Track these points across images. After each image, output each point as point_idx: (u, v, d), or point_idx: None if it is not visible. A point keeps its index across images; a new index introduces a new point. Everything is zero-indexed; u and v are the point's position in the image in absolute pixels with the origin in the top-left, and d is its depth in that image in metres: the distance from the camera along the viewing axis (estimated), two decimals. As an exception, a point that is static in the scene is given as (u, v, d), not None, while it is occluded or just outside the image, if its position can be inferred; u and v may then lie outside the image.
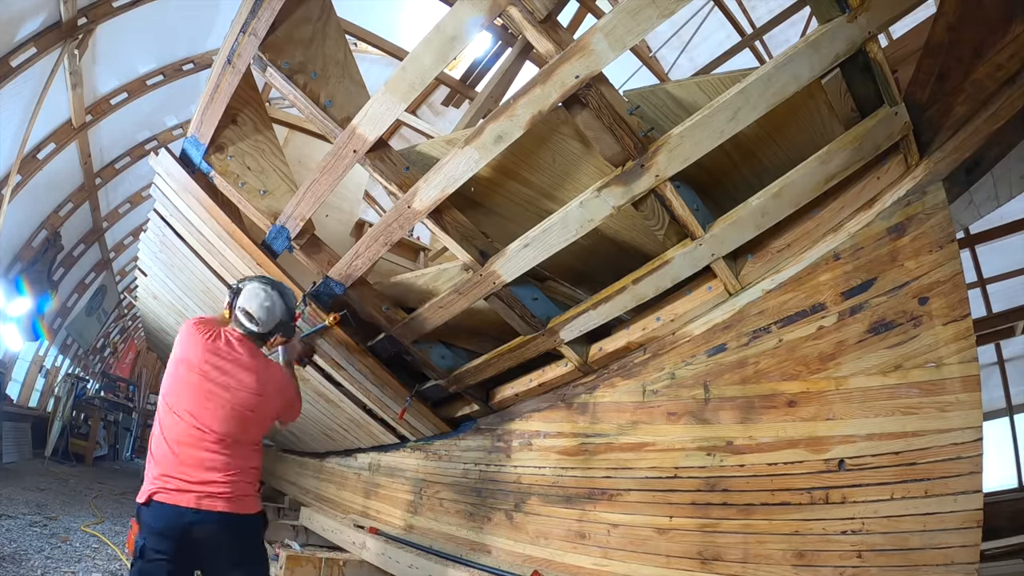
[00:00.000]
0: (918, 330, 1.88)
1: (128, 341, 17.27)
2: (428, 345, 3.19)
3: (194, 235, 3.42)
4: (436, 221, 2.48)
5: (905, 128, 1.90)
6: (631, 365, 2.63)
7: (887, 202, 2.00)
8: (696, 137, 1.98)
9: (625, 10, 1.78)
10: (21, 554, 3.30)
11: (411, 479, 3.84)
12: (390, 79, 2.20)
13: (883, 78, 1.81)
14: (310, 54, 2.50)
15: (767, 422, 2.15)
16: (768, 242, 2.23)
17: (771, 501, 2.08)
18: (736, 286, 2.29)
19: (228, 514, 2.10)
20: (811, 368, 2.08)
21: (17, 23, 4.70)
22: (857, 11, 1.68)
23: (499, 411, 3.29)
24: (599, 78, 1.94)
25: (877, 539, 1.84)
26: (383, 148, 2.46)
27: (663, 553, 2.33)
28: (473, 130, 2.18)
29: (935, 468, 1.78)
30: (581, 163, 2.35)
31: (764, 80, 1.83)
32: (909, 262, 1.93)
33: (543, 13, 1.89)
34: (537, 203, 2.54)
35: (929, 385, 1.83)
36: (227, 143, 2.98)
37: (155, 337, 7.36)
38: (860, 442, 1.92)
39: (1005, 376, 8.01)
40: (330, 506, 5.01)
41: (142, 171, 8.44)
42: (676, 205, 2.14)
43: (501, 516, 3.09)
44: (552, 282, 2.99)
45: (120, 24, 5.55)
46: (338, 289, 3.01)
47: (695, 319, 2.42)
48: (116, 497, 6.42)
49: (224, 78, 2.67)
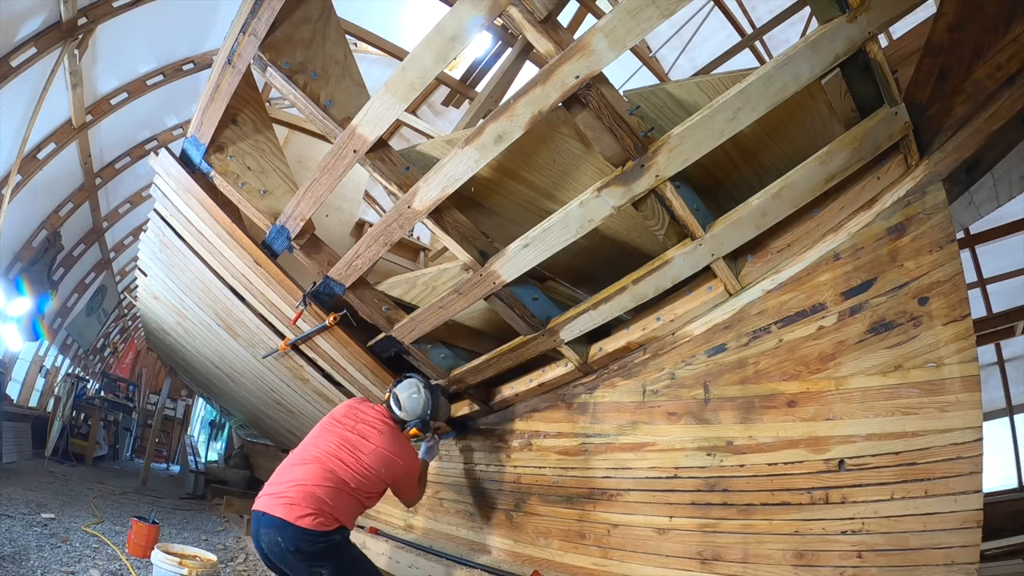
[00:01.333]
0: (918, 330, 1.88)
1: (128, 341, 17.25)
2: (428, 345, 3.19)
3: (194, 235, 3.43)
4: (436, 221, 2.48)
5: (905, 128, 1.90)
6: (631, 365, 2.63)
7: (887, 202, 2.00)
8: (696, 137, 1.97)
9: (625, 10, 1.78)
10: (21, 554, 3.30)
11: (411, 479, 3.84)
12: (390, 79, 2.20)
13: (883, 78, 1.81)
14: (310, 54, 2.50)
15: (767, 422, 2.15)
16: (768, 242, 2.23)
17: (771, 501, 2.08)
18: (736, 286, 2.29)
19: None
20: (811, 368, 2.08)
21: (17, 23, 4.69)
22: (857, 11, 1.68)
23: (499, 411, 3.29)
24: (599, 78, 1.94)
25: (877, 539, 1.84)
26: (383, 148, 2.46)
27: (663, 553, 2.33)
28: (473, 130, 2.18)
29: (935, 468, 1.78)
30: (581, 163, 2.35)
31: (764, 80, 1.83)
32: (909, 262, 1.93)
33: (543, 13, 1.89)
34: (537, 203, 2.54)
35: (929, 385, 1.83)
36: (227, 143, 2.98)
37: (155, 337, 7.36)
38: (860, 442, 1.92)
39: (1005, 376, 7.99)
40: (330, 506, 5.00)
41: (142, 171, 8.43)
42: (676, 205, 2.14)
43: (501, 516, 3.09)
44: (552, 282, 2.99)
45: (120, 24, 5.54)
46: (338, 289, 3.01)
47: (695, 319, 2.42)
48: (116, 497, 6.42)
49: (224, 78, 2.67)
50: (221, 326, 4.24)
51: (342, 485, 2.51)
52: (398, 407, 2.85)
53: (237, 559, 4.26)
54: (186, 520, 5.70)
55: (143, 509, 5.38)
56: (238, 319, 3.87)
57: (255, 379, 4.81)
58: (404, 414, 2.84)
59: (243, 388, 5.45)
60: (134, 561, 3.63)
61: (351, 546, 2.56)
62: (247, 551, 4.50)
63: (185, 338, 5.42)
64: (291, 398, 4.56)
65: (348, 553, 2.51)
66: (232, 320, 3.99)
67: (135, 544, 3.88)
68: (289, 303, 3.26)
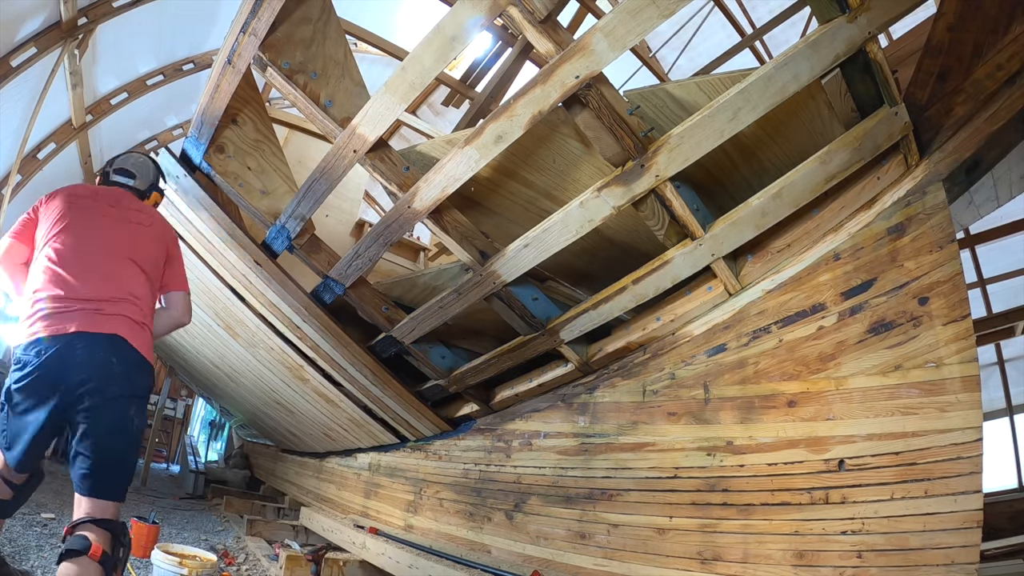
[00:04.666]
0: (918, 330, 1.88)
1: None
2: (428, 345, 3.19)
3: (194, 235, 3.43)
4: (436, 221, 2.48)
5: (905, 128, 1.90)
6: (631, 365, 2.63)
7: (887, 202, 2.00)
8: (696, 137, 1.98)
9: (625, 10, 1.78)
10: (21, 554, 3.30)
11: (411, 479, 3.84)
12: (390, 79, 2.20)
13: (883, 78, 1.81)
14: (310, 54, 2.50)
15: (767, 422, 2.15)
16: (768, 242, 2.23)
17: (771, 501, 2.08)
18: (736, 286, 2.29)
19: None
20: (811, 368, 2.08)
21: (17, 23, 4.70)
22: (857, 11, 1.68)
23: (499, 411, 3.29)
24: (599, 78, 1.94)
25: (877, 539, 1.84)
26: (383, 148, 2.47)
27: (663, 553, 2.33)
28: (473, 130, 2.18)
29: (935, 468, 1.78)
30: (581, 163, 2.35)
31: (764, 80, 1.83)
32: (909, 262, 1.93)
33: (543, 13, 1.89)
34: (537, 203, 2.54)
35: (929, 385, 1.83)
36: (227, 143, 2.98)
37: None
38: (860, 442, 1.92)
39: (1005, 376, 8.00)
40: (330, 506, 5.01)
41: (142, 171, 8.42)
42: (676, 205, 2.14)
43: (501, 516, 3.09)
44: (552, 282, 2.99)
45: (120, 24, 5.54)
46: (338, 289, 3.01)
47: (695, 319, 2.42)
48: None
49: (224, 78, 2.67)
50: (221, 326, 4.24)
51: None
52: (132, 177, 2.51)
53: (238, 559, 4.26)
54: (186, 520, 5.69)
55: (143, 509, 5.37)
56: (238, 319, 3.87)
57: (255, 379, 4.81)
58: (141, 181, 2.53)
59: (243, 388, 5.45)
60: (134, 561, 3.63)
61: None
62: (247, 551, 4.50)
63: (185, 338, 5.42)
64: (291, 398, 4.56)
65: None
66: (232, 320, 3.99)
67: (135, 544, 3.87)
68: (289, 303, 3.26)
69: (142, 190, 2.52)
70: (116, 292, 2.14)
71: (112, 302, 2.11)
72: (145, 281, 2.25)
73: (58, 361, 1.98)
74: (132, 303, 2.16)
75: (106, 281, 2.14)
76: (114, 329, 2.08)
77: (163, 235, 2.42)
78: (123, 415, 2.06)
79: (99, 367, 2.01)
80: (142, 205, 2.46)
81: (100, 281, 2.13)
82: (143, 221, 2.36)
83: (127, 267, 2.22)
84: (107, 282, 2.14)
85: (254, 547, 4.59)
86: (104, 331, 2.06)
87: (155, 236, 2.37)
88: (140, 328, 2.16)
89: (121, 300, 2.14)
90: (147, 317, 2.23)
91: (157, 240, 2.37)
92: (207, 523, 5.75)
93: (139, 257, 2.26)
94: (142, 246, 2.29)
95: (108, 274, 2.16)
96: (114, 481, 2.05)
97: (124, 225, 2.29)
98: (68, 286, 2.08)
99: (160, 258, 2.36)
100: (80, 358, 2.00)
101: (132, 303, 2.16)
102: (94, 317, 2.06)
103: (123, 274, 2.20)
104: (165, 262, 2.39)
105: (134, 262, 2.24)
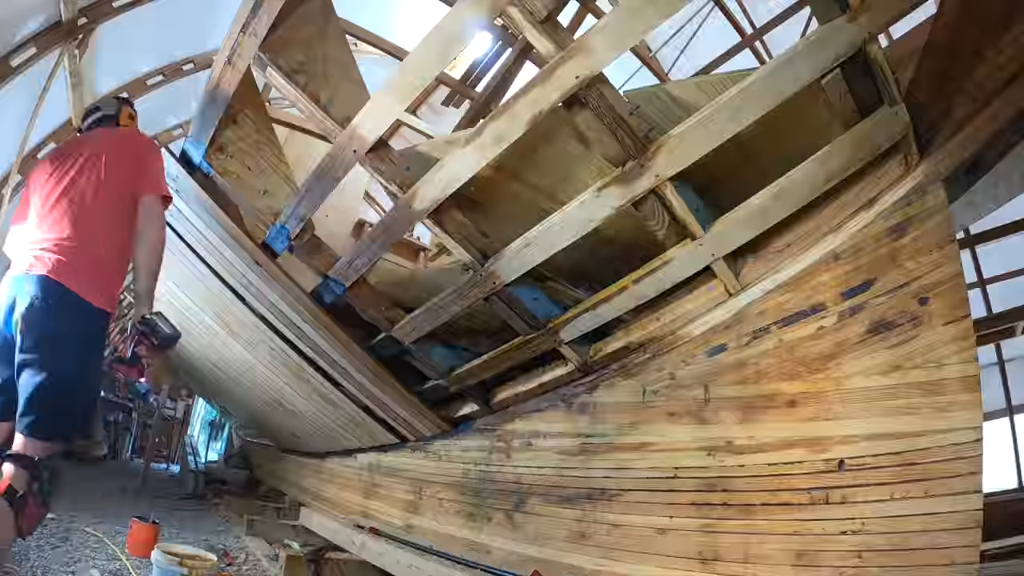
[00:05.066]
0: (918, 330, 1.88)
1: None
2: (428, 345, 3.19)
3: (194, 235, 3.43)
4: (436, 221, 2.48)
5: (905, 128, 1.90)
6: (631, 365, 2.63)
7: (887, 202, 1.99)
8: (696, 137, 1.97)
9: (625, 10, 1.78)
10: (21, 554, 3.30)
11: (411, 479, 3.84)
12: (390, 79, 2.20)
13: (883, 78, 1.81)
14: (310, 54, 2.51)
15: (767, 422, 2.15)
16: (768, 242, 2.23)
17: (771, 501, 2.08)
18: (736, 286, 2.29)
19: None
20: (811, 368, 2.08)
21: (17, 23, 4.69)
22: (857, 11, 1.67)
23: (499, 411, 3.29)
24: (599, 78, 1.94)
25: (877, 539, 1.84)
26: (383, 148, 2.46)
27: (663, 553, 2.33)
28: (473, 130, 2.19)
29: (935, 468, 1.78)
30: (581, 163, 2.35)
31: (764, 80, 1.83)
32: (909, 262, 1.93)
33: (543, 13, 1.89)
34: (537, 203, 2.54)
35: (929, 385, 1.83)
36: (227, 143, 2.99)
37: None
38: (860, 442, 1.92)
39: (1005, 376, 7.99)
40: (330, 506, 5.01)
41: (142, 171, 8.42)
42: (676, 205, 2.14)
43: (501, 516, 3.09)
44: (552, 282, 2.99)
45: (120, 24, 5.54)
46: (338, 289, 3.01)
47: (695, 319, 2.42)
48: (117, 497, 6.42)
49: (224, 78, 2.67)
50: (221, 326, 4.24)
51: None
52: (97, 110, 2.74)
53: (238, 559, 4.26)
54: (186, 520, 5.69)
55: (143, 509, 5.38)
56: (238, 319, 3.87)
57: (255, 379, 4.81)
58: (106, 107, 2.73)
59: (243, 388, 5.45)
60: (134, 561, 3.63)
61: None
62: (247, 551, 4.50)
63: (185, 337, 5.42)
64: (291, 398, 4.56)
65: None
66: (232, 320, 3.99)
67: (135, 544, 3.87)
68: (289, 303, 3.26)
69: (111, 113, 2.68)
70: (58, 234, 2.22)
71: (52, 244, 2.20)
72: (101, 215, 2.30)
73: (3, 308, 2.14)
74: (69, 242, 2.21)
75: (52, 225, 2.24)
76: (44, 270, 2.14)
77: (125, 146, 2.49)
78: (53, 354, 2.08)
79: (31, 309, 2.08)
80: (110, 131, 2.60)
81: (48, 228, 2.24)
82: (105, 147, 2.43)
83: (75, 208, 2.28)
84: (52, 226, 2.24)
85: (254, 547, 4.59)
86: (35, 272, 2.14)
87: (117, 153, 2.42)
88: (76, 267, 2.20)
89: (60, 241, 2.21)
90: (90, 254, 2.25)
91: (119, 155, 2.42)
92: (207, 523, 5.76)
93: (95, 190, 2.31)
94: (101, 173, 2.33)
95: (55, 220, 2.26)
96: (44, 421, 2.05)
97: (86, 161, 2.35)
98: (25, 242, 2.25)
99: (126, 173, 2.38)
100: (13, 300, 2.12)
101: (69, 242, 2.21)
102: (31, 261, 2.17)
103: (69, 216, 2.26)
104: (137, 171, 2.41)
105: (88, 199, 2.29)
